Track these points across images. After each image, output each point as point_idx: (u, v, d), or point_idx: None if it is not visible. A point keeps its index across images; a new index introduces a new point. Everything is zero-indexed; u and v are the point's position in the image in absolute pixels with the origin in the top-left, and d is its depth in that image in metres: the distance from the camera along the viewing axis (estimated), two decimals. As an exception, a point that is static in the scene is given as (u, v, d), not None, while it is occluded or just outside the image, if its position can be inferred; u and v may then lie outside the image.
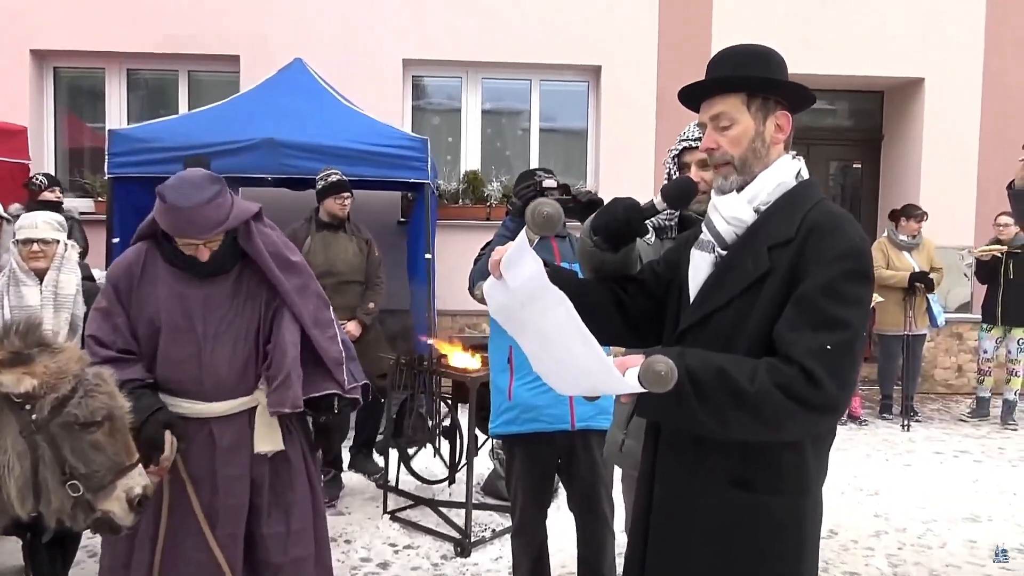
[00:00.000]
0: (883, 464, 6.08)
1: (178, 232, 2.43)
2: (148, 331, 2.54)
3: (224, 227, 2.44)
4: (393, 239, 7.51)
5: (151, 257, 2.57)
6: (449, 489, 5.11)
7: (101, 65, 8.10)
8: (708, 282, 1.80)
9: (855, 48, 8.33)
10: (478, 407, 4.47)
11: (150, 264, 2.57)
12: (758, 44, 1.83)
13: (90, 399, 2.09)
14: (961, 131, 8.52)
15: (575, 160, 8.67)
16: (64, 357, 2.12)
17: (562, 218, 1.77)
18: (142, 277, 2.56)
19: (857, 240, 1.65)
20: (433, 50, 8.09)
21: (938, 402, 8.32)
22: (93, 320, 2.59)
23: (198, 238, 2.43)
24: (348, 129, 5.98)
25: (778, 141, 1.78)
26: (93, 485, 2.08)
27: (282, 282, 2.58)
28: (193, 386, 2.53)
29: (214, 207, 2.38)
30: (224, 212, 2.42)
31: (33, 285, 3.46)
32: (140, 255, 2.58)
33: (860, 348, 1.63)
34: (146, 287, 2.55)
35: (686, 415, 1.60)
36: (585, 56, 8.22)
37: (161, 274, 2.55)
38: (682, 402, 1.57)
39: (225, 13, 7.81)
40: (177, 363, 2.53)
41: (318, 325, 2.64)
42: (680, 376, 1.54)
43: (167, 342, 2.52)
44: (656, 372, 1.48)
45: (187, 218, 2.37)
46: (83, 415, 2.06)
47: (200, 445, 2.55)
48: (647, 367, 1.49)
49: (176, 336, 2.52)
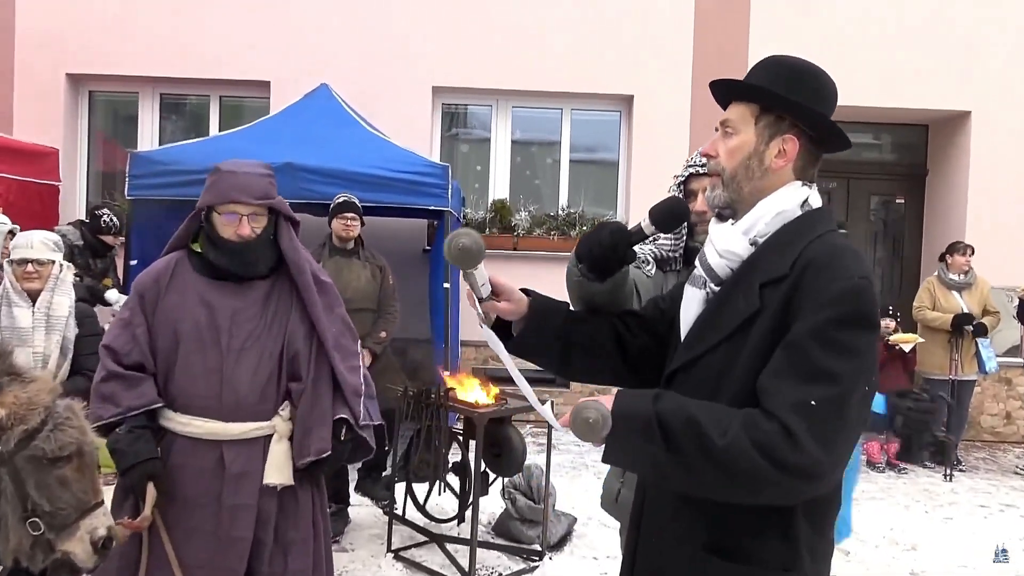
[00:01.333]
0: (922, 516, 5.72)
1: (225, 196, 2.41)
2: (169, 341, 2.45)
3: (270, 201, 2.44)
4: (418, 268, 7.41)
5: (181, 267, 2.53)
6: (458, 528, 4.90)
7: (135, 89, 8.20)
8: (698, 321, 1.61)
9: (898, 80, 8.06)
10: (488, 444, 4.30)
11: (180, 273, 2.51)
12: (805, 60, 1.63)
13: (60, 433, 1.99)
14: (1009, 166, 8.16)
15: (606, 191, 8.50)
16: (35, 388, 2.03)
17: (482, 252, 1.61)
18: (170, 285, 2.50)
19: (856, 279, 1.42)
20: (463, 78, 8.02)
21: (984, 451, 7.88)
22: (112, 330, 2.53)
23: (245, 200, 2.39)
24: (369, 154, 5.90)
25: (779, 167, 1.57)
26: (56, 524, 1.97)
27: (312, 292, 2.51)
28: (210, 402, 2.42)
29: (265, 180, 2.45)
30: (273, 190, 2.47)
31: (26, 307, 3.38)
32: (170, 264, 2.54)
33: (856, 406, 1.40)
34: (173, 295, 2.48)
35: (655, 468, 1.42)
36: (617, 85, 8.08)
37: (191, 283, 2.49)
38: (650, 453, 1.40)
39: (256, 39, 7.85)
40: (197, 376, 2.43)
41: (339, 349, 2.55)
42: (649, 423, 1.38)
43: (189, 353, 2.44)
44: (584, 420, 1.32)
45: (237, 181, 2.39)
46: (51, 449, 1.96)
47: (209, 469, 2.43)
48: (576, 413, 1.32)
49: (199, 347, 2.43)
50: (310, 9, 7.91)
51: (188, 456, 2.43)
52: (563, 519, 4.94)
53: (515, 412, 4.37)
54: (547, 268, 7.54)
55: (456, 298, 6.57)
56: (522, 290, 1.77)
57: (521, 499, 4.80)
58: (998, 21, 8.12)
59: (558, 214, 8.15)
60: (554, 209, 8.26)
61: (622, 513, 2.35)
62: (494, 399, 4.35)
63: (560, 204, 8.31)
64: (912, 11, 8.10)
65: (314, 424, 2.46)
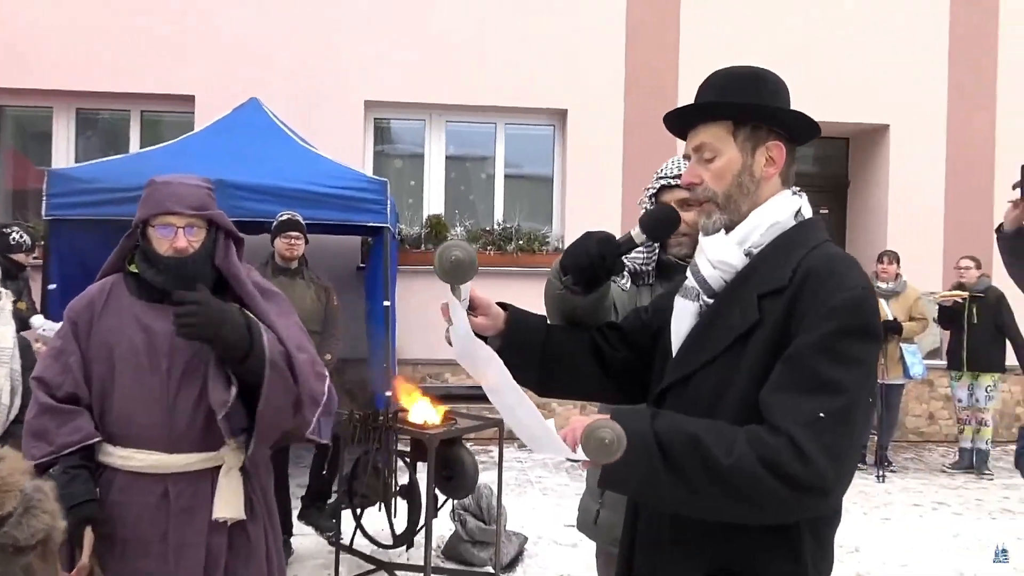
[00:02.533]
0: (861, 518, 5.86)
1: (159, 206, 2.23)
2: (105, 369, 2.26)
3: (210, 212, 2.27)
4: (352, 285, 7.24)
5: (117, 290, 2.34)
6: (407, 553, 4.76)
7: (49, 104, 7.79)
8: (692, 335, 1.56)
9: (820, 94, 8.29)
10: (440, 466, 4.18)
11: (115, 297, 2.33)
12: (752, 66, 1.61)
13: (32, 519, 1.72)
14: (927, 177, 8.51)
15: (542, 205, 8.49)
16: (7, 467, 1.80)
17: (475, 266, 1.51)
18: (105, 309, 2.31)
19: (859, 289, 1.40)
20: (396, 92, 7.91)
21: (911, 450, 8.16)
22: (43, 360, 2.34)
23: (179, 210, 2.22)
24: (303, 170, 5.73)
25: (770, 176, 1.55)
26: None
27: (258, 300, 2.32)
28: (152, 433, 2.23)
29: (203, 191, 2.29)
30: (210, 201, 2.30)
31: None
32: (105, 287, 2.36)
33: (861, 418, 1.38)
34: (109, 319, 2.29)
35: (654, 489, 1.36)
36: (551, 99, 8.10)
37: (127, 306, 2.30)
38: (649, 474, 1.33)
39: (180, 50, 7.57)
40: (136, 405, 2.24)
41: (302, 351, 2.35)
42: (648, 443, 1.31)
43: (126, 381, 2.24)
44: (599, 440, 1.24)
45: (172, 191, 2.23)
46: (23, 538, 1.71)
47: (153, 505, 2.24)
48: (589, 433, 1.25)
49: (137, 374, 2.24)
50: (237, 20, 7.68)
51: (130, 493, 2.24)
52: (514, 539, 4.86)
53: (466, 432, 4.27)
54: (485, 282, 7.42)
55: (394, 317, 6.43)
56: (498, 304, 1.70)
57: (471, 520, 4.69)
58: (913, 39, 8.47)
59: (494, 229, 8.10)
60: (490, 224, 8.21)
61: (602, 536, 2.27)
62: (444, 419, 4.25)
63: (496, 219, 8.27)
64: (833, 29, 8.38)
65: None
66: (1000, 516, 5.97)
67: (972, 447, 7.26)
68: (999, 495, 6.57)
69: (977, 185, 8.55)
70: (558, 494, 6.19)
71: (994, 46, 8.63)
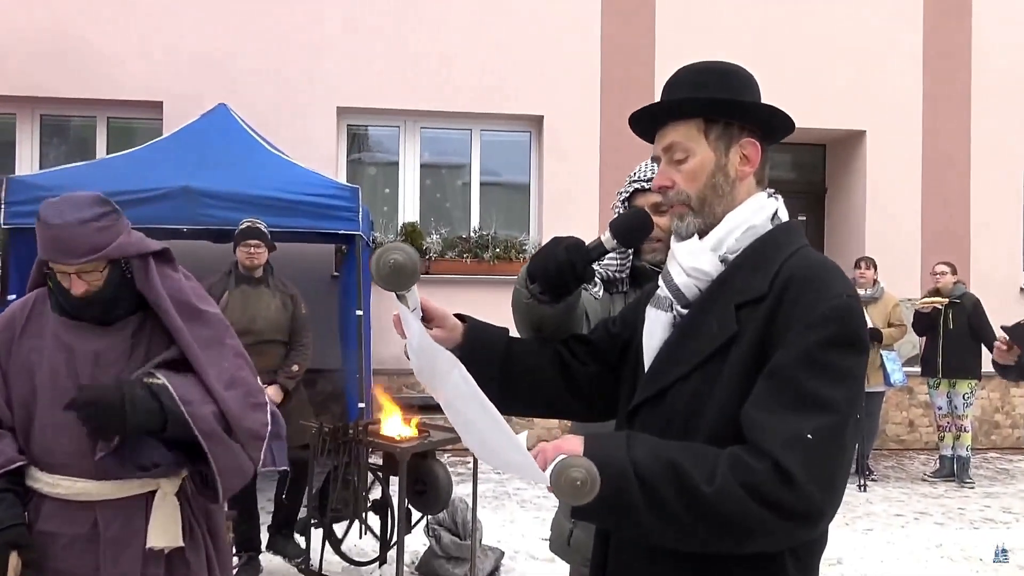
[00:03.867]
0: (843, 529, 5.77)
1: (47, 253, 2.06)
2: (26, 391, 2.12)
3: (102, 255, 2.04)
4: (326, 294, 7.11)
5: (40, 306, 2.19)
6: (380, 571, 4.62)
7: (11, 111, 7.59)
8: (665, 347, 1.45)
9: (796, 101, 8.24)
10: (412, 480, 4.05)
11: (38, 313, 2.18)
12: (721, 60, 1.52)
13: None
14: (903, 183, 8.51)
15: (518, 213, 8.39)
16: None
17: (417, 271, 1.38)
18: (26, 328, 2.16)
19: (845, 297, 1.31)
20: (370, 98, 7.78)
21: (891, 459, 8.11)
22: None
23: (67, 262, 2.03)
24: (273, 177, 5.59)
25: (745, 175, 1.46)
26: None
27: (181, 330, 2.14)
28: (76, 460, 2.09)
29: (91, 230, 2.03)
30: (106, 238, 2.05)
31: None
32: (27, 304, 2.20)
33: (851, 436, 1.28)
34: (30, 339, 2.15)
35: (633, 524, 1.24)
36: (527, 106, 8.01)
37: (49, 324, 2.15)
38: (627, 508, 1.22)
39: (147, 56, 7.41)
40: (58, 431, 2.09)
41: (233, 386, 2.19)
42: (624, 475, 1.20)
43: (47, 404, 2.10)
44: (571, 480, 1.13)
45: (55, 236, 2.01)
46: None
47: (83, 536, 2.09)
48: (560, 472, 1.13)
49: (58, 398, 2.08)
50: (206, 25, 7.52)
51: (58, 522, 2.10)
52: (490, 554, 4.72)
53: (439, 445, 4.15)
54: (461, 291, 7.37)
55: (368, 326, 6.29)
56: (456, 315, 1.59)
57: (446, 536, 4.56)
58: (890, 45, 8.48)
59: (470, 236, 7.99)
60: (466, 231, 8.10)
61: (576, 557, 2.16)
62: (416, 431, 4.12)
63: (472, 226, 8.16)
64: (809, 36, 8.37)
65: None
66: (982, 525, 5.91)
67: (953, 454, 7.21)
68: (980, 504, 6.52)
69: (953, 190, 8.55)
70: (536, 506, 6.07)
71: (968, 52, 8.66)
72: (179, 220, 5.33)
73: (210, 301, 2.33)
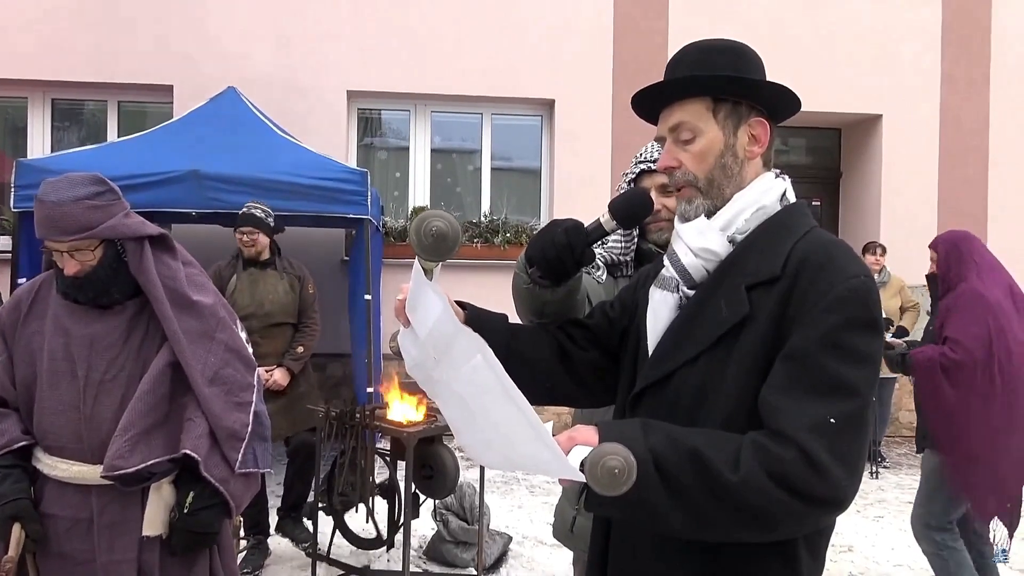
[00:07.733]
0: (854, 516, 5.74)
1: (40, 231, 2.05)
2: (29, 374, 2.15)
3: (92, 233, 2.03)
4: (336, 279, 7.11)
5: (46, 289, 2.20)
6: (388, 555, 4.62)
7: (24, 94, 7.59)
8: (671, 330, 1.42)
9: (811, 85, 8.17)
10: (419, 464, 4.05)
11: (43, 297, 2.19)
12: (727, 38, 1.47)
13: None
14: (919, 167, 8.39)
15: (529, 197, 8.34)
16: None
17: (460, 239, 1.31)
18: (31, 309, 2.19)
19: (862, 278, 1.27)
20: (380, 82, 7.73)
21: (904, 446, 8.05)
22: None
23: (58, 240, 2.03)
24: (282, 161, 5.57)
25: (754, 155, 1.42)
26: None
27: (170, 320, 2.13)
28: (72, 443, 2.10)
29: (84, 208, 2.02)
30: (98, 217, 2.04)
31: None
32: (34, 286, 2.23)
33: (871, 419, 1.24)
34: (33, 321, 2.17)
35: (650, 512, 1.19)
36: (538, 89, 7.94)
37: (52, 306, 2.16)
38: (646, 496, 1.17)
39: (158, 40, 7.38)
40: (55, 414, 2.11)
41: (217, 383, 2.17)
42: (644, 465, 1.14)
43: (45, 386, 2.12)
44: (609, 470, 1.07)
45: (48, 213, 2.01)
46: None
47: (83, 520, 2.10)
48: (596, 461, 1.08)
49: (55, 380, 2.10)
50: (215, 9, 7.49)
51: (59, 504, 2.12)
52: (498, 539, 4.72)
53: (447, 430, 4.13)
54: (471, 276, 7.34)
55: (378, 310, 6.28)
56: (456, 303, 1.55)
57: (454, 520, 4.56)
58: (906, 28, 8.35)
59: (481, 221, 7.95)
60: (476, 216, 8.06)
61: (579, 544, 2.13)
62: (424, 416, 4.11)
63: (482, 211, 8.12)
64: (824, 19, 8.25)
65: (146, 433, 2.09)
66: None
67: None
68: (993, 491, 6.44)
69: (971, 177, 8.43)
70: (545, 492, 6.06)
71: (987, 34, 8.51)
72: (188, 204, 5.32)
73: (207, 291, 2.30)
